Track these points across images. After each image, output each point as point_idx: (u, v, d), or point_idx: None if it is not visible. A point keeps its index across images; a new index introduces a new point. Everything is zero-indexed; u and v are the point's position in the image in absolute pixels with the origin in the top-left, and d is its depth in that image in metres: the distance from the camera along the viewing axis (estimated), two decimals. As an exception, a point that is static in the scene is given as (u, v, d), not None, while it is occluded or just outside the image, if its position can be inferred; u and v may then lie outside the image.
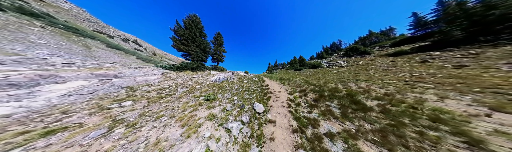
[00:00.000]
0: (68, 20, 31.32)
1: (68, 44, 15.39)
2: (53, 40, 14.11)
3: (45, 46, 12.84)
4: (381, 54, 18.74)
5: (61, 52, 12.78)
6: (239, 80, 14.24)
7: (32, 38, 13.94)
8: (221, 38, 28.43)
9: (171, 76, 10.06)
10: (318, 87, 10.00)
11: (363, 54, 23.04)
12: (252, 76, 24.76)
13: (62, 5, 38.76)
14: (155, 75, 9.45)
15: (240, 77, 17.47)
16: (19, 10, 18.18)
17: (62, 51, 13.00)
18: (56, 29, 18.21)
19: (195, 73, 14.20)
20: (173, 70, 12.50)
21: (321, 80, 13.25)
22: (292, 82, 13.88)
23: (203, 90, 8.30)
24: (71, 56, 12.90)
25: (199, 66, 16.30)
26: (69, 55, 12.82)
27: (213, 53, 24.40)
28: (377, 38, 30.91)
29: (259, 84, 12.89)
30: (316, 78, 15.68)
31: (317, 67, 26.41)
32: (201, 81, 10.89)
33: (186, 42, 15.45)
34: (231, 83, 11.96)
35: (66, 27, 20.34)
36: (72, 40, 16.77)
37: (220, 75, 14.00)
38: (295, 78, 17.37)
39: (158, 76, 9.55)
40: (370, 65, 15.58)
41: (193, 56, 16.25)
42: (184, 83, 9.05)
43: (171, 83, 8.71)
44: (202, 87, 9.26)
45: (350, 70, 16.57)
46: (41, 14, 22.47)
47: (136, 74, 8.64)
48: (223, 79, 13.09)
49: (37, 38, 14.05)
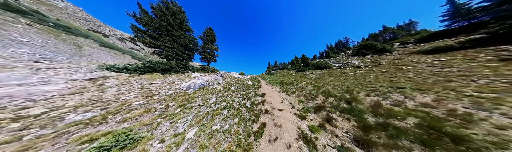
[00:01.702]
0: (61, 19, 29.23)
1: (56, 42, 13.45)
2: (39, 38, 12.09)
3: (27, 45, 11.00)
4: (409, 51, 14.86)
5: (45, 51, 10.37)
6: (225, 86, 10.40)
7: (13, 36, 11.99)
8: (213, 34, 24.64)
9: (106, 84, 6.27)
10: (344, 101, 6.16)
11: (381, 52, 19.16)
12: (248, 78, 20.87)
13: (57, 4, 36.50)
14: (65, 83, 5.62)
15: (229, 81, 13.65)
16: (4, 7, 15.67)
17: (47, 49, 10.65)
18: (45, 27, 16.06)
19: (166, 77, 10.39)
20: (128, 73, 8.72)
21: (338, 87, 9.41)
22: (297, 88, 10.05)
23: (136, 113, 4.47)
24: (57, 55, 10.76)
25: (176, 67, 12.51)
26: (54, 54, 10.64)
27: (201, 51, 20.60)
28: (393, 34, 26.95)
29: (251, 93, 9.05)
30: (329, 82, 11.84)
31: (324, 67, 22.58)
32: (160, 90, 7.06)
33: (156, 35, 11.66)
34: (209, 92, 8.14)
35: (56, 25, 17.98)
36: (61, 38, 14.68)
37: (200, 79, 10.20)
38: (300, 82, 13.53)
39: (74, 83, 5.75)
40: (401, 65, 11.71)
41: (168, 53, 12.46)
42: (110, 99, 5.21)
43: (75, 100, 4.84)
44: (148, 103, 5.43)
45: (372, 71, 12.71)
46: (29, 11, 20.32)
47: (16, 80, 4.77)
48: (200, 85, 9.27)
49: (20, 36, 12.18)
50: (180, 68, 13.47)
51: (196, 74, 14.28)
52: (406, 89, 6.75)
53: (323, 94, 7.88)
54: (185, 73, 14.10)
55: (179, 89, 7.96)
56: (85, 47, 16.74)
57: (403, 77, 9.08)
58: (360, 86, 9.04)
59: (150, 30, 11.20)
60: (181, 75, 12.08)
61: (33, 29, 13.80)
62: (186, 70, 14.79)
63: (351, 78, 12.31)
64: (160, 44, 11.76)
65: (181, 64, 13.76)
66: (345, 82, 11.13)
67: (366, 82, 9.81)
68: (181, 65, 13.70)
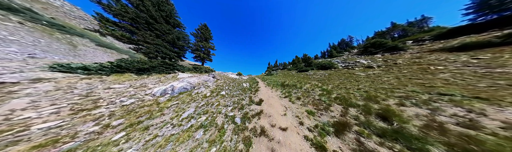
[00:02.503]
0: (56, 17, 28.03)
1: (49, 41, 12.83)
2: (31, 37, 10.87)
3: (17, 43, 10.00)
4: (428, 49, 13.00)
5: (36, 50, 9.64)
6: (214, 90, 8.53)
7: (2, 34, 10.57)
8: (208, 31, 22.75)
9: (26, 90, 4.44)
10: (375, 115, 4.27)
11: (392, 51, 17.30)
12: (245, 79, 18.95)
13: (53, 2, 35.19)
14: None
15: (222, 84, 11.79)
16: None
17: (38, 48, 9.95)
18: (38, 26, 15.03)
19: (142, 78, 8.53)
20: (86, 73, 6.86)
21: (352, 90, 7.55)
22: (302, 92, 8.17)
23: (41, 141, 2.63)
24: (48, 54, 10.03)
25: (158, 66, 10.65)
26: (45, 54, 9.96)
27: (194, 49, 18.73)
28: (403, 31, 25.05)
29: (246, 99, 7.18)
30: (339, 85, 9.99)
31: (329, 67, 20.71)
32: (114, 98, 5.21)
33: (131, 28, 9.79)
34: (190, 99, 6.28)
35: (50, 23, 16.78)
36: (55, 37, 13.93)
37: (183, 82, 8.33)
38: (303, 84, 11.67)
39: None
40: (425, 64, 9.86)
41: (150, 50, 10.60)
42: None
43: None
44: (71, 124, 3.58)
45: (389, 72, 10.86)
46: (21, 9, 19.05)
47: None
48: (182, 89, 7.40)
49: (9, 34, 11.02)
50: (165, 67, 11.62)
51: (184, 74, 12.42)
52: (457, 97, 4.88)
53: (338, 102, 6.01)
54: (171, 73, 12.24)
55: (150, 95, 6.10)
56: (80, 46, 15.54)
57: (436, 80, 7.21)
58: (382, 90, 7.19)
59: (123, 22, 9.35)
60: (163, 76, 10.23)
61: (25, 27, 12.85)
62: (173, 70, 12.94)
63: (364, 80, 10.46)
64: (138, 39, 9.89)
65: (167, 63, 11.90)
66: (359, 85, 9.28)
67: (388, 86, 7.95)
68: (166, 64, 11.84)
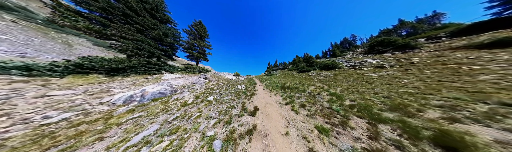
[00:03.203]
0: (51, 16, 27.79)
1: (43, 40, 11.76)
2: (23, 36, 10.43)
3: (8, 42, 9.68)
4: (449, 46, 11.45)
5: (28, 49, 9.31)
6: (200, 95, 6.98)
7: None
8: (203, 29, 21.18)
9: None
10: (430, 141, 2.72)
11: (403, 49, 15.75)
12: (243, 80, 17.38)
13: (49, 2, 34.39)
14: None
15: (213, 86, 10.25)
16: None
17: (31, 48, 9.54)
18: (32, 24, 14.26)
19: (113, 80, 7.01)
20: (24, 75, 5.35)
21: (368, 96, 6.02)
22: (306, 97, 6.63)
23: None
24: (41, 53, 9.45)
25: (139, 66, 9.13)
26: (38, 53, 9.35)
27: (186, 48, 17.21)
28: (412, 28, 23.45)
29: (238, 106, 5.62)
30: (349, 87, 8.46)
31: (333, 67, 19.18)
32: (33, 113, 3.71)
33: (101, 19, 8.27)
34: (161, 110, 4.76)
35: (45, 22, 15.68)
36: (50, 36, 13.36)
37: (162, 85, 6.80)
38: (307, 86, 10.14)
39: None
40: (453, 64, 8.33)
41: (127, 47, 9.09)
42: None
43: None
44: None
45: (407, 73, 9.33)
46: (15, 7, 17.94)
47: None
48: (157, 95, 5.88)
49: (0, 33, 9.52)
50: (148, 68, 10.09)
51: (170, 75, 10.89)
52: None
53: (357, 113, 4.48)
54: (156, 74, 10.71)
55: (108, 104, 4.57)
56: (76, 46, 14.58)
57: (479, 83, 5.67)
58: (408, 95, 5.66)
59: (91, 12, 7.85)
60: (144, 78, 8.70)
61: (18, 26, 12.10)
62: (159, 71, 11.41)
63: (379, 82, 8.92)
64: (112, 33, 8.37)
65: (150, 63, 10.37)
66: (374, 88, 7.73)
67: (413, 90, 6.42)
68: (150, 64, 10.31)
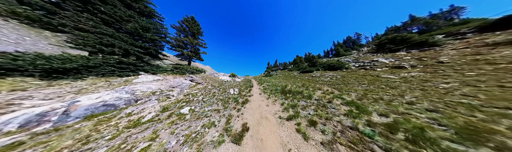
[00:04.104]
0: None
1: (36, 39, 11.10)
2: (14, 35, 10.23)
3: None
4: (484, 43, 9.54)
5: (18, 48, 8.75)
6: (170, 105, 5.11)
7: None
8: (197, 25, 19.25)
9: None
10: None
11: (420, 47, 13.85)
12: (238, 82, 15.44)
13: None
14: None
15: (198, 90, 8.35)
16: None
17: (21, 47, 9.15)
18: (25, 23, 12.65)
19: (50, 86, 5.18)
20: None
21: (402, 107, 4.10)
22: (315, 107, 4.73)
23: None
24: None
25: (103, 65, 7.27)
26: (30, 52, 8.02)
27: (174, 45, 15.36)
28: (425, 25, 21.48)
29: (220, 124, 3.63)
30: (366, 93, 6.55)
31: (339, 68, 17.28)
32: None
33: (49, 6, 6.41)
34: (85, 137, 2.95)
35: None
36: (43, 35, 12.18)
37: (117, 92, 4.96)
38: (312, 90, 8.24)
39: None
40: (506, 63, 6.44)
41: (86, 41, 7.24)
42: None
43: None
44: None
45: (440, 74, 7.44)
46: None
47: None
48: (97, 109, 4.04)
49: None
50: (118, 68, 8.23)
51: (148, 77, 9.01)
52: None
53: (410, 147, 2.60)
54: (130, 76, 8.85)
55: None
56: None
57: None
58: (467, 109, 3.80)
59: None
60: (106, 81, 6.84)
61: (10, 24, 11.29)
62: (136, 72, 9.55)
63: (405, 86, 7.02)
64: (62, 23, 6.53)
65: (123, 62, 8.52)
66: (403, 95, 5.86)
67: (467, 98, 4.54)
68: (120, 64, 8.45)
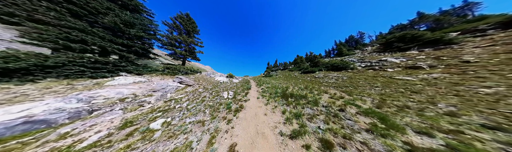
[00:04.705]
0: None
1: None
2: (8, 34, 9.57)
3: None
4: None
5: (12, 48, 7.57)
6: (136, 118, 3.92)
7: None
8: (192, 23, 18.04)
9: None
10: None
11: (434, 45, 12.64)
12: (235, 83, 14.19)
13: None
14: None
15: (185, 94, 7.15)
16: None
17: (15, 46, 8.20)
18: None
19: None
20: None
21: (442, 121, 2.84)
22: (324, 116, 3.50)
23: None
24: None
25: (67, 65, 6.13)
26: None
27: (166, 44, 14.21)
28: (435, 22, 20.27)
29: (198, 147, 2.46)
30: (384, 99, 5.31)
31: (344, 68, 16.07)
32: None
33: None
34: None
35: None
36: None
37: (69, 98, 3.81)
38: (317, 93, 7.00)
39: None
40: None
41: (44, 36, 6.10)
42: None
43: None
44: None
45: (469, 76, 6.25)
46: None
47: None
48: (9, 129, 2.91)
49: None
50: (90, 68, 7.08)
51: (126, 79, 7.83)
52: None
53: None
54: (106, 77, 7.69)
55: None
56: None
57: None
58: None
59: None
60: (68, 84, 5.69)
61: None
62: (115, 72, 8.39)
63: (431, 91, 5.82)
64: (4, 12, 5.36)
65: (98, 61, 7.36)
66: (433, 101, 4.69)
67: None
68: (97, 63, 7.30)
